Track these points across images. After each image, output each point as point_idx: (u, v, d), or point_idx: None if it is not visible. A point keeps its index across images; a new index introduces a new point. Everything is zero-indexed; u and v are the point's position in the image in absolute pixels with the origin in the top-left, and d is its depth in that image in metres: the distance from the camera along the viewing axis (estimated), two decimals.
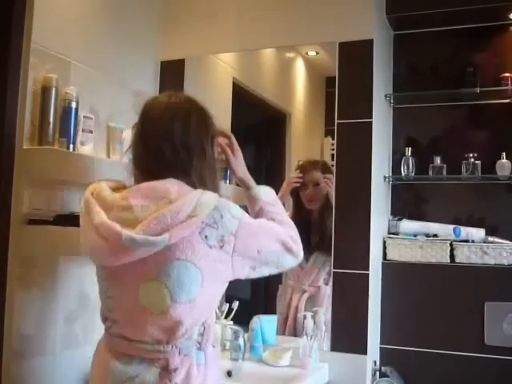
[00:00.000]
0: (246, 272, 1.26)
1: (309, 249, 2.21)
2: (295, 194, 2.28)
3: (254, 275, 1.29)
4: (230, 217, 1.20)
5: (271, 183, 1.64)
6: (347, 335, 1.99)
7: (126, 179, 1.33)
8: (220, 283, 1.26)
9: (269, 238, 1.30)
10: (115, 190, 1.27)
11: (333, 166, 2.11)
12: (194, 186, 1.23)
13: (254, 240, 1.25)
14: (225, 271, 1.22)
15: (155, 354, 1.21)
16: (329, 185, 2.13)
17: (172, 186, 1.20)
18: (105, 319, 1.29)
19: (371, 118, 2.02)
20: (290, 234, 1.37)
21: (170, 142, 1.24)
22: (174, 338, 1.20)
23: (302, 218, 2.24)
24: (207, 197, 1.19)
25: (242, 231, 1.21)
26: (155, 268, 1.16)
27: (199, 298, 1.18)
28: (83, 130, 1.83)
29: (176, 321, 1.18)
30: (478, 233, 2.11)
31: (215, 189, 1.28)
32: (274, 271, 1.33)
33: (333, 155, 2.14)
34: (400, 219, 2.23)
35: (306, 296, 2.17)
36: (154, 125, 1.27)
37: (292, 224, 1.41)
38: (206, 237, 1.16)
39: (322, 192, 2.20)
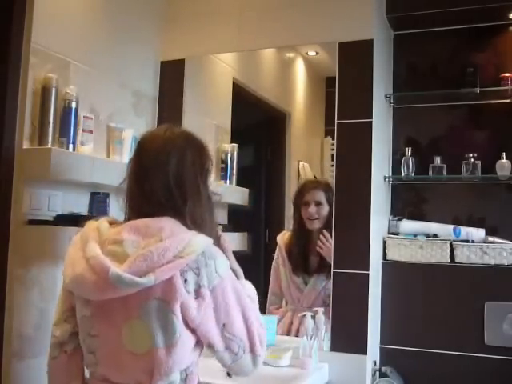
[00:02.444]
0: (215, 334, 1.17)
1: (308, 272, 2.22)
2: (297, 213, 2.27)
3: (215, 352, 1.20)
4: (214, 270, 1.15)
5: (271, 183, 1.64)
6: (347, 335, 1.99)
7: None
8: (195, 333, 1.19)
9: (240, 318, 1.20)
10: (112, 225, 1.25)
11: (332, 166, 2.11)
12: (189, 227, 1.19)
13: (224, 310, 1.17)
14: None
15: None
16: (326, 245, 2.11)
17: (166, 224, 1.17)
18: (87, 363, 1.25)
19: (371, 118, 2.02)
20: (261, 332, 1.24)
21: (163, 181, 1.21)
22: (155, 381, 1.14)
23: (302, 238, 2.26)
24: (198, 240, 1.15)
25: (219, 292, 1.16)
26: (137, 306, 1.13)
27: (179, 343, 1.14)
28: (83, 130, 1.83)
29: (157, 363, 1.13)
30: (478, 233, 2.11)
31: (211, 229, 1.25)
32: (225, 364, 1.22)
33: (333, 155, 2.14)
34: (400, 219, 2.23)
35: (309, 315, 2.14)
36: (147, 161, 1.24)
37: (264, 325, 1.28)
38: (185, 280, 1.12)
39: (324, 212, 2.20)
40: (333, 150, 2.14)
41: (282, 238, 2.33)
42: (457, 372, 2.03)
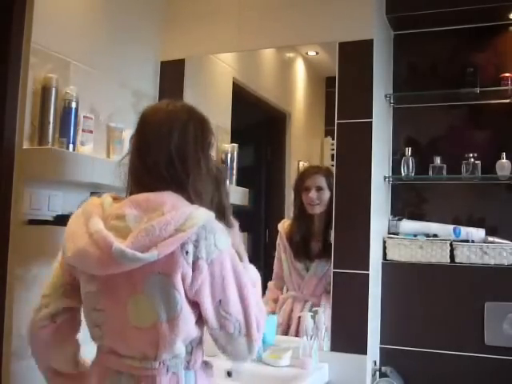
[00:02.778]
0: (210, 310, 1.16)
1: (310, 257, 2.21)
2: (298, 198, 2.27)
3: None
4: (213, 243, 1.14)
5: (271, 183, 1.64)
6: (347, 335, 1.99)
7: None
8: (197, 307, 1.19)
9: (237, 297, 1.17)
10: (116, 200, 1.25)
11: (332, 166, 2.11)
12: (191, 201, 1.19)
13: (220, 285, 1.15)
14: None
15: (143, 370, 1.18)
16: None
17: (168, 198, 1.17)
18: (93, 337, 1.25)
19: (371, 118, 2.02)
20: (259, 316, 1.21)
21: (166, 155, 1.20)
22: (160, 354, 1.16)
23: (303, 224, 2.25)
24: (199, 213, 1.14)
25: (216, 266, 1.15)
26: (140, 281, 1.14)
27: (181, 316, 1.14)
28: (83, 130, 1.83)
29: (162, 336, 1.14)
30: (478, 233, 2.11)
31: (212, 203, 1.24)
32: (221, 345, 1.20)
33: (333, 155, 2.14)
34: (400, 219, 2.23)
35: (307, 306, 2.14)
36: (150, 135, 1.24)
37: (264, 312, 1.25)
38: (186, 252, 1.12)
39: (325, 197, 2.19)
40: (333, 150, 2.14)
41: (283, 225, 2.32)
42: (457, 372, 2.03)
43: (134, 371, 1.18)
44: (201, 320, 1.20)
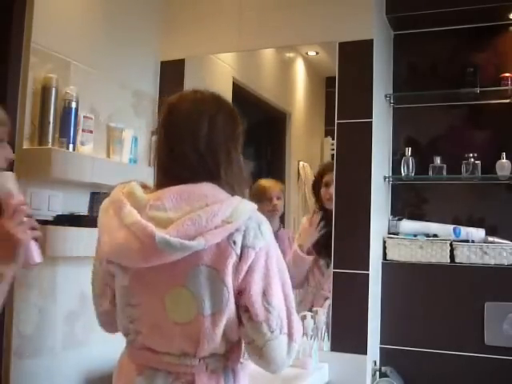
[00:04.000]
0: (256, 300, 1.11)
1: (330, 253, 2.21)
2: (316, 194, 2.27)
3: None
4: (259, 233, 1.12)
5: None
6: (347, 335, 1.99)
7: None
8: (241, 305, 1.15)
9: (280, 291, 1.14)
10: (145, 189, 1.20)
11: (333, 165, 2.11)
12: (228, 193, 1.16)
13: (266, 275, 1.12)
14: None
15: (181, 367, 1.14)
16: None
17: (208, 190, 1.14)
18: (126, 332, 1.20)
19: (371, 118, 2.02)
20: (298, 319, 1.18)
21: (196, 146, 1.16)
22: (200, 350, 1.12)
23: (322, 219, 2.24)
24: (245, 205, 1.13)
25: (262, 256, 1.12)
26: (182, 273, 1.09)
27: (226, 311, 1.11)
28: (83, 130, 1.83)
29: (204, 331, 1.10)
30: (478, 233, 2.11)
31: (244, 195, 1.21)
32: (258, 345, 1.13)
33: (333, 155, 2.14)
34: (400, 219, 2.23)
35: (327, 302, 2.12)
36: (179, 126, 1.19)
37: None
38: (234, 242, 1.09)
39: None
40: (333, 150, 2.14)
41: (303, 225, 2.32)
42: (457, 372, 2.03)
43: (171, 368, 1.14)
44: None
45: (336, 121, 2.08)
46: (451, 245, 2.09)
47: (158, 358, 1.15)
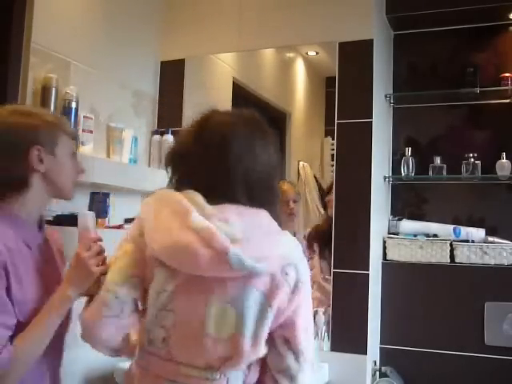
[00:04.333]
0: (302, 330, 1.16)
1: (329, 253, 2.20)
2: (325, 199, 2.26)
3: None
4: (305, 268, 1.16)
5: None
6: (347, 335, 1.99)
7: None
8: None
9: (310, 327, 1.19)
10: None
11: (332, 166, 2.11)
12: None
13: (306, 310, 1.17)
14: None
15: (201, 381, 1.11)
16: None
17: (267, 219, 1.16)
18: (150, 340, 1.15)
19: (371, 118, 2.02)
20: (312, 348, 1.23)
21: (247, 172, 1.15)
22: (226, 366, 1.11)
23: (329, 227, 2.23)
24: (294, 240, 1.18)
25: (307, 291, 1.16)
26: (233, 291, 1.09)
27: (264, 336, 1.11)
28: (83, 130, 1.83)
29: (240, 350, 1.09)
30: (478, 233, 2.11)
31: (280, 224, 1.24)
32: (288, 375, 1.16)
33: (333, 155, 2.14)
34: (400, 219, 2.23)
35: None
36: (237, 147, 1.15)
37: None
38: (286, 274, 1.11)
39: None
40: (333, 150, 2.14)
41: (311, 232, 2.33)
42: (457, 372, 2.03)
43: (190, 381, 1.12)
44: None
45: (336, 121, 2.08)
46: (451, 245, 2.09)
47: (178, 368, 1.12)
